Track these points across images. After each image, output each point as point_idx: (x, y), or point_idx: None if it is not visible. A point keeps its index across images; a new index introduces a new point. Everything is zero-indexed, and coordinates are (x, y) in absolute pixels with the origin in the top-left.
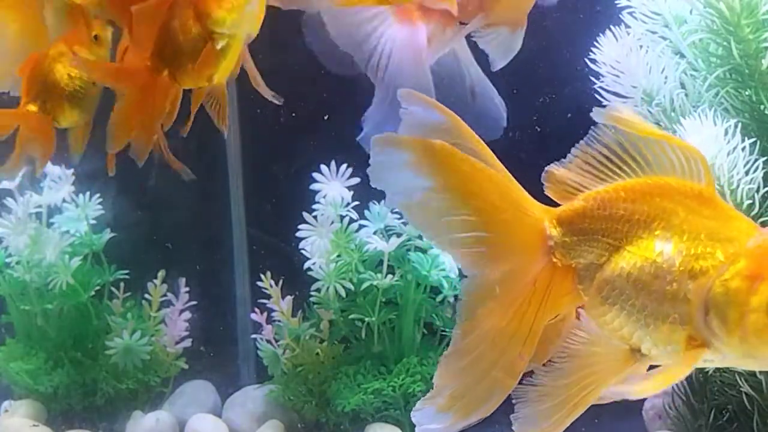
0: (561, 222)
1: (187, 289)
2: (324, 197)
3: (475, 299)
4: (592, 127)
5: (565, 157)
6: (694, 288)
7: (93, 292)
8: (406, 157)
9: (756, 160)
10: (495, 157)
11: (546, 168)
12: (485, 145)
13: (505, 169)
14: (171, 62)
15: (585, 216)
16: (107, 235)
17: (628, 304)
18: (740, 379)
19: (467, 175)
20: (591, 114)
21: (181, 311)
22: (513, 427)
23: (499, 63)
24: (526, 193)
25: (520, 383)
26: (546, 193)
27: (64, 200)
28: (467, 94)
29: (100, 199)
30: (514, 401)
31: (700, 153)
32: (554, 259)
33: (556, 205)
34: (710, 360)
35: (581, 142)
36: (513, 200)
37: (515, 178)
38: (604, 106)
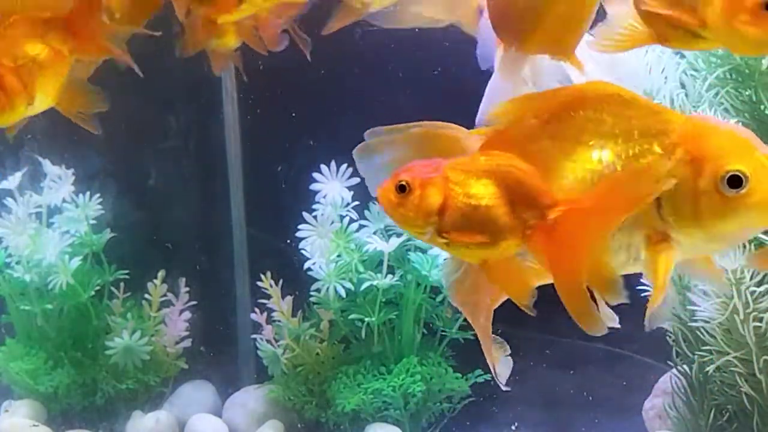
0: None
1: (187, 289)
2: (324, 197)
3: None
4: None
5: None
6: None
7: (93, 292)
8: (384, 157)
9: None
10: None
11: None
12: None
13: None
14: None
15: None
16: (107, 235)
17: None
18: (740, 379)
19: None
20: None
21: (181, 311)
22: None
23: None
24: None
25: None
26: None
27: (64, 200)
28: None
29: (100, 199)
30: None
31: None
32: None
33: None
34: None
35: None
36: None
37: None
38: None
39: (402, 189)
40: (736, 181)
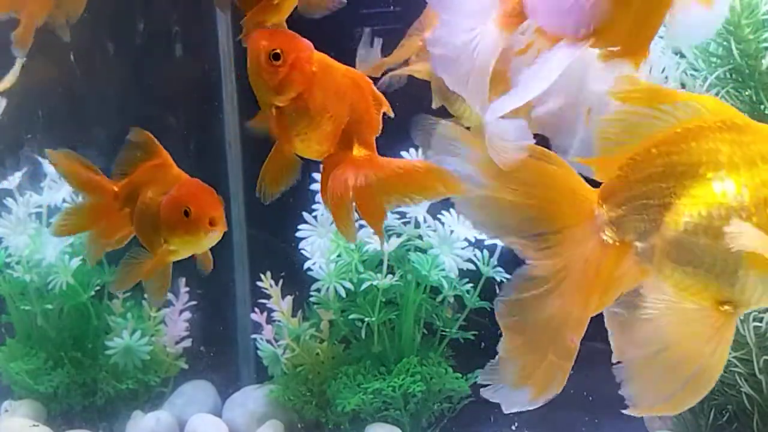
0: (603, 198)
1: (187, 289)
2: None
3: (524, 281)
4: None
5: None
6: None
7: (93, 292)
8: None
9: None
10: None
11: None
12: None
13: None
14: None
15: (624, 185)
16: None
17: (708, 256)
18: (740, 379)
19: (515, 170)
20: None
21: (181, 311)
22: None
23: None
24: (578, 178)
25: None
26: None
27: (64, 200)
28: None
29: None
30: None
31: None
32: (605, 238)
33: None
34: None
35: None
36: (560, 186)
37: None
38: None
39: (276, 57)
40: None
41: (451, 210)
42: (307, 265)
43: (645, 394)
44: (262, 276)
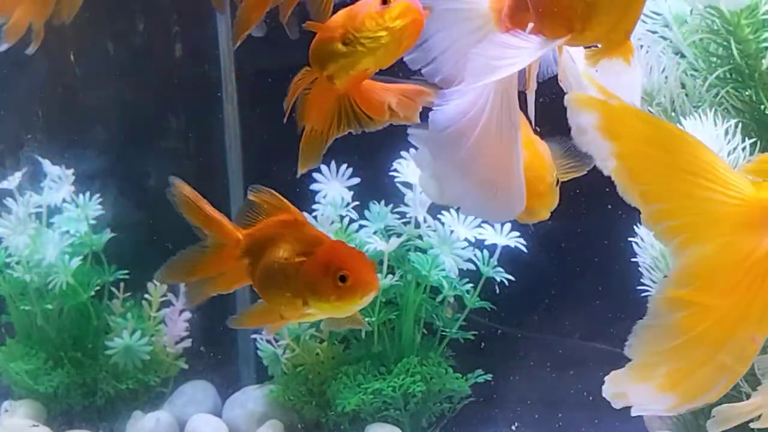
0: None
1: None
2: (324, 197)
3: (689, 271)
4: None
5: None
6: None
7: (93, 292)
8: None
9: None
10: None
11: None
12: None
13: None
14: None
15: None
16: (107, 235)
17: None
18: (740, 380)
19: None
20: None
21: (181, 311)
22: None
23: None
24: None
25: None
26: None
27: (64, 200)
28: None
29: (100, 199)
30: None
31: None
32: None
33: None
34: None
35: None
36: (721, 172)
37: None
38: None
39: (384, 1)
40: None
41: (451, 210)
42: None
43: None
44: None
